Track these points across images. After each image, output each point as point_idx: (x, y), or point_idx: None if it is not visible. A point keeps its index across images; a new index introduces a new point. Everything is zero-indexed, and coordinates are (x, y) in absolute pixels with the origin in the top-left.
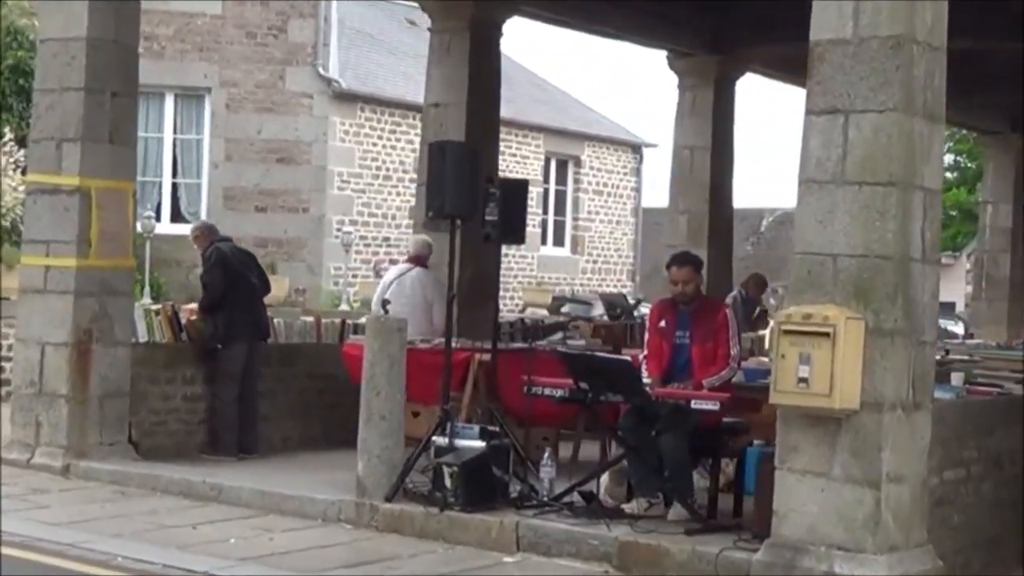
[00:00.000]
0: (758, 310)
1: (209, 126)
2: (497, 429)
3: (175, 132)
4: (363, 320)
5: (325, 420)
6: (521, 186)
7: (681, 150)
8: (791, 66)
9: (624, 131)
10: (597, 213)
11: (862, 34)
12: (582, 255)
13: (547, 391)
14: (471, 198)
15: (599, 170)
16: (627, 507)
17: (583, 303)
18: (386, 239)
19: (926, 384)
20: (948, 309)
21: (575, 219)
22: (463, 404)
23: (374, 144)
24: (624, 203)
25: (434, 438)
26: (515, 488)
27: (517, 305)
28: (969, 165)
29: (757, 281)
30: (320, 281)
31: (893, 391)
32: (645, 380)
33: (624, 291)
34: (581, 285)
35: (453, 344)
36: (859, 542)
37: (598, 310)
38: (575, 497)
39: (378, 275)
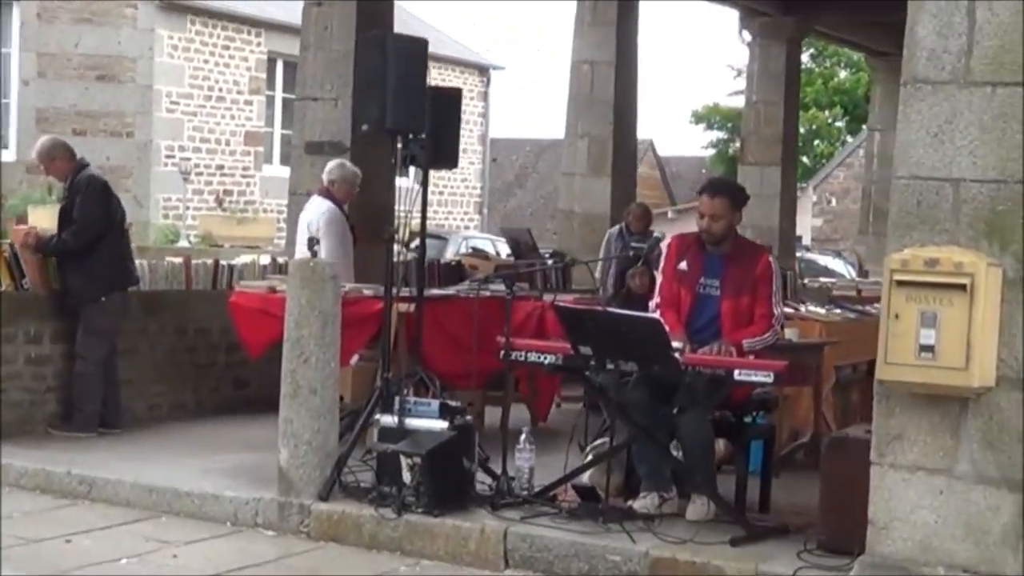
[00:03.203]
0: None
1: (18, 38)
2: (459, 404)
3: None
4: (241, 261)
5: (197, 384)
6: (454, 97)
7: (580, 65)
8: None
9: (471, 52)
10: None
11: None
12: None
13: (532, 356)
14: (418, 108)
15: None
16: (638, 505)
17: (439, 238)
18: (220, 167)
19: None
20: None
21: None
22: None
23: (206, 61)
24: (471, 129)
25: (376, 416)
26: (483, 481)
27: None
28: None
29: (636, 213)
30: (148, 214)
31: None
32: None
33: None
34: (428, 218)
35: (365, 292)
36: (995, 563)
37: (452, 247)
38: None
39: (223, 209)
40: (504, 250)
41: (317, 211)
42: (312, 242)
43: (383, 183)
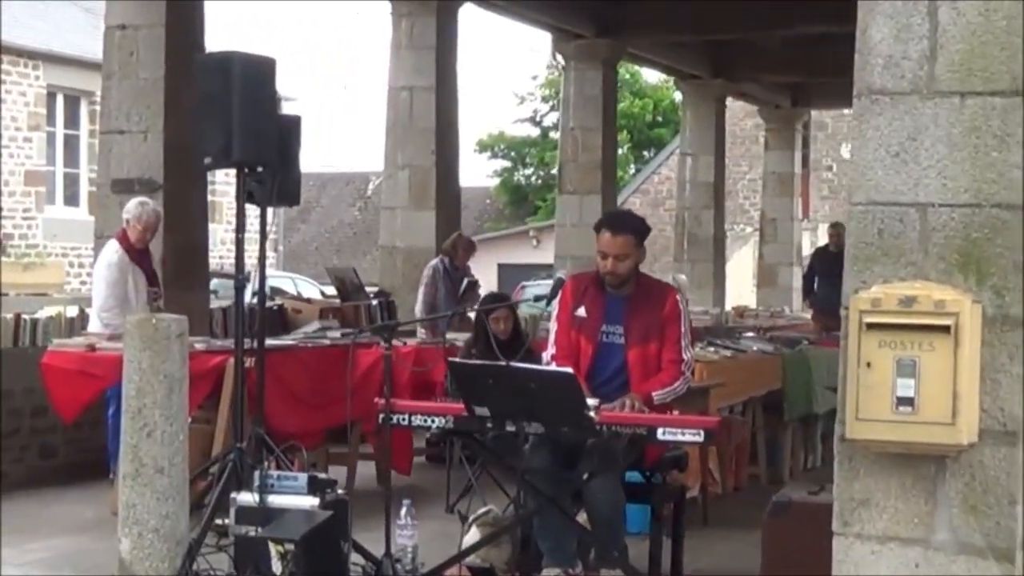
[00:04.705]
0: (465, 282)
1: None
2: (326, 476)
3: None
4: (45, 314)
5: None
6: (294, 124)
7: (398, 92)
8: None
9: None
10: None
11: None
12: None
13: (417, 421)
14: (268, 138)
15: None
16: None
17: (228, 276)
18: None
19: None
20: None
21: None
22: (219, 427)
23: None
24: None
25: (233, 495)
26: (356, 562)
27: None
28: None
29: (465, 245)
30: None
31: None
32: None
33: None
34: (221, 257)
35: (197, 346)
36: None
37: (251, 287)
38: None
39: (6, 254)
40: (304, 288)
41: (101, 256)
42: (154, 294)
43: (202, 224)
